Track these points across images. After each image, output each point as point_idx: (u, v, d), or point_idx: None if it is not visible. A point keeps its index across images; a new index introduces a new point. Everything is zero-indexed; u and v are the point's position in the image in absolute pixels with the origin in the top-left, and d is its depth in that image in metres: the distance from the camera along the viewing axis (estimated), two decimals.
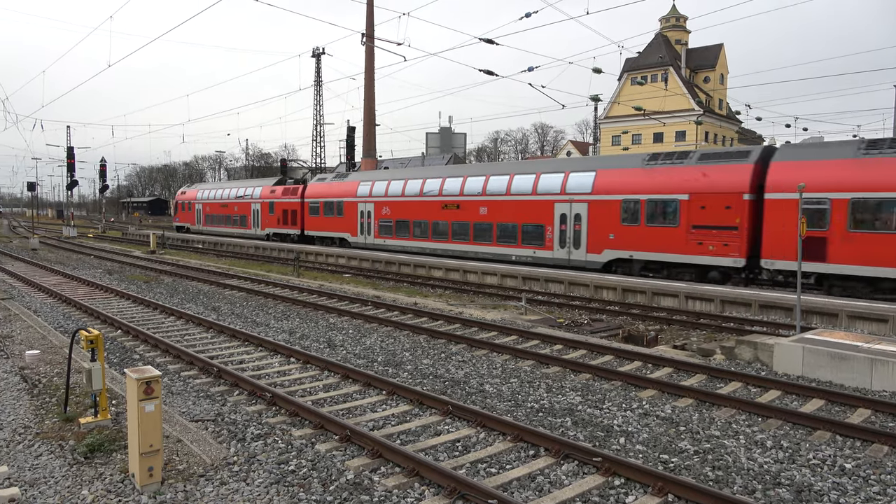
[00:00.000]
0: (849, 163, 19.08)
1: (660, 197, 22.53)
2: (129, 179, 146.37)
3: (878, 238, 18.06)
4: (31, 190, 75.79)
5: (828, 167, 19.36)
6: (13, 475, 6.68)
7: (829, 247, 18.87)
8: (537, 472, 6.93)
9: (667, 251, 22.32)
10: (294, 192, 42.38)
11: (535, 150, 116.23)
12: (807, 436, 8.19)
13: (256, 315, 17.17)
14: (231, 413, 8.81)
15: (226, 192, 51.55)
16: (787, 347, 11.40)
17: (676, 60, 69.76)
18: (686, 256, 21.96)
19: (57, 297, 20.08)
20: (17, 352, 12.30)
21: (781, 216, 19.64)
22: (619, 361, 12.17)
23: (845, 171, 18.93)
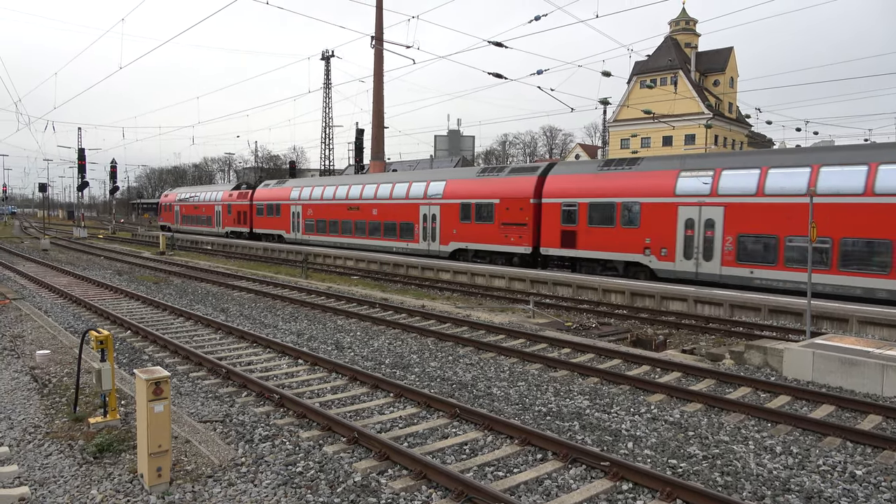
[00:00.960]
0: (591, 176, 25.57)
1: (482, 201, 29.50)
2: (140, 181, 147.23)
3: (603, 230, 24.60)
4: (43, 191, 76.40)
5: (579, 180, 25.94)
6: (23, 474, 6.72)
7: (578, 238, 25.38)
8: (545, 475, 6.91)
9: (488, 242, 29.16)
10: (245, 196, 49.50)
11: (543, 153, 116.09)
12: (817, 442, 8.13)
13: (265, 316, 17.22)
14: (239, 414, 8.84)
15: (198, 195, 58.69)
16: (796, 352, 11.33)
17: (686, 64, 69.55)
18: (499, 246, 28.86)
19: (67, 297, 20.21)
20: (28, 351, 12.40)
21: (550, 216, 26.37)
22: (627, 365, 12.13)
23: (588, 183, 25.42)
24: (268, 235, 46.35)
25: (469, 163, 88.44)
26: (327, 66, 65.90)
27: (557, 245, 26.04)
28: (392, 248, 34.12)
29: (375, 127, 54.15)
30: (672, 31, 73.35)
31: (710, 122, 62.09)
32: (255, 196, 47.81)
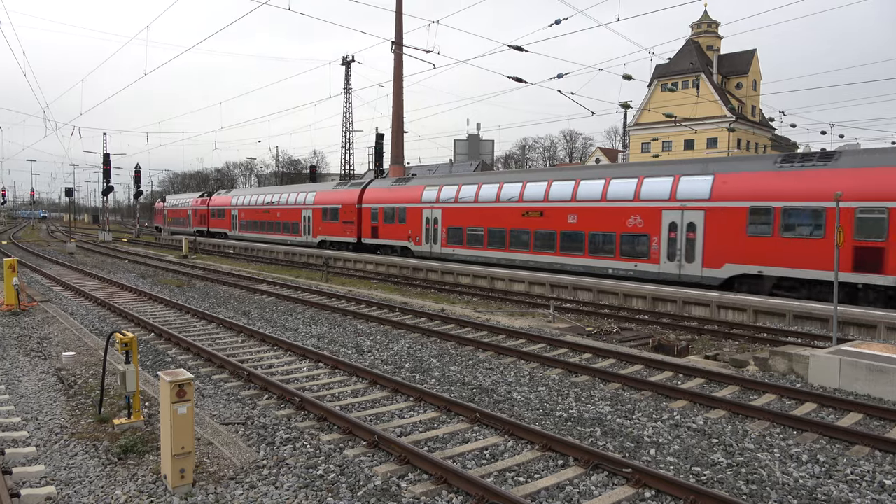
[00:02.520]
0: (386, 189, 36.93)
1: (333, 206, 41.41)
2: (163, 185, 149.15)
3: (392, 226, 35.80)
4: (69, 195, 77.75)
5: (380, 192, 37.47)
6: (49, 474, 6.83)
7: (380, 230, 36.86)
8: (566, 482, 6.85)
9: (343, 235, 40.24)
10: (205, 202, 62.67)
11: (563, 157, 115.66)
12: (844, 450, 7.97)
13: (285, 320, 17.34)
14: (261, 417, 8.89)
15: (178, 200, 72.00)
16: (823, 359, 11.13)
17: (708, 66, 68.92)
18: (339, 237, 40.86)
19: (92, 300, 20.52)
20: (55, 353, 12.61)
21: (367, 217, 38.04)
22: (649, 371, 12.01)
23: (386, 194, 36.68)
24: (216, 233, 59.92)
25: (488, 167, 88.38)
26: (348, 72, 66.33)
27: (369, 236, 37.82)
28: (287, 241, 46.60)
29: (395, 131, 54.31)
30: (694, 34, 72.76)
31: (733, 126, 61.38)
32: (211, 202, 61.38)
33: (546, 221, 26.74)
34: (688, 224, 21.91)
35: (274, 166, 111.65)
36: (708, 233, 21.35)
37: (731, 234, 20.74)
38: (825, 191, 18.34)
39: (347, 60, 64.79)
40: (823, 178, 18.96)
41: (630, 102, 40.56)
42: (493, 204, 29.27)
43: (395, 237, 35.47)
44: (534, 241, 27.33)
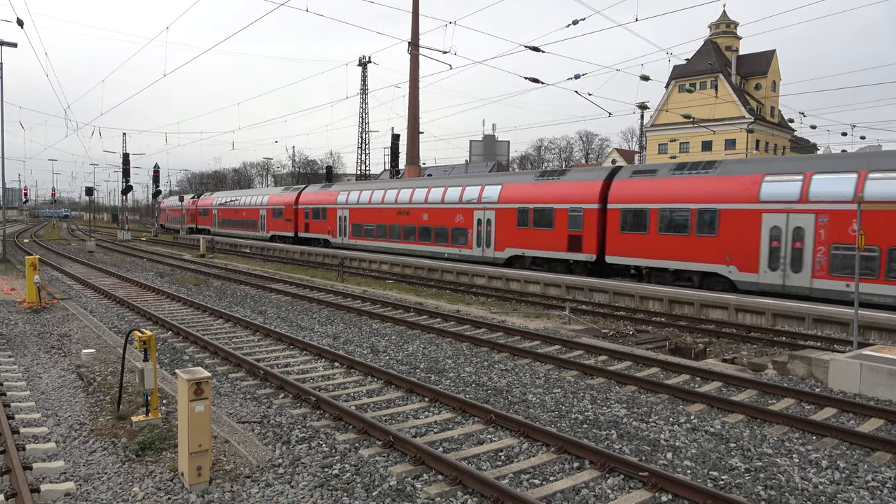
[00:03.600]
0: (315, 193, 44.00)
1: (277, 206, 49.96)
2: (181, 185, 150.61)
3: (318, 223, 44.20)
4: (89, 194, 78.59)
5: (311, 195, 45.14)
6: (69, 470, 6.91)
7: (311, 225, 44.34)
8: (582, 485, 6.82)
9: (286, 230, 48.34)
10: (194, 203, 71.91)
11: (579, 159, 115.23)
12: (865, 456, 7.85)
13: (301, 319, 17.42)
14: (276, 415, 8.94)
15: (174, 202, 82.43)
16: (843, 364, 10.98)
17: (726, 67, 68.26)
18: (283, 232, 48.02)
19: (112, 298, 20.76)
20: (74, 350, 12.76)
21: (302, 215, 45.60)
22: (665, 374, 11.91)
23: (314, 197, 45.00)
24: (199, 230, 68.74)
25: (504, 167, 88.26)
26: (364, 72, 66.53)
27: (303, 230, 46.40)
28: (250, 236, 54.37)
29: (411, 132, 54.44)
30: (712, 35, 72.11)
31: (752, 127, 60.73)
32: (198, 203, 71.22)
33: (410, 219, 35.18)
34: (487, 220, 30.25)
35: (290, 167, 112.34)
36: (497, 226, 29.72)
37: (509, 228, 29.11)
38: (555, 197, 27.22)
39: (364, 61, 64.98)
40: (555, 188, 27.52)
41: (647, 103, 40.20)
42: (379, 206, 37.77)
43: (319, 231, 44.10)
44: (403, 233, 35.66)
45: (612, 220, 24.60)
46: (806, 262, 19.17)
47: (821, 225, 18.83)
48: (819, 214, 18.86)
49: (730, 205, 21.07)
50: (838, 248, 18.42)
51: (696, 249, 21.97)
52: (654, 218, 23.19)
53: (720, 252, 21.27)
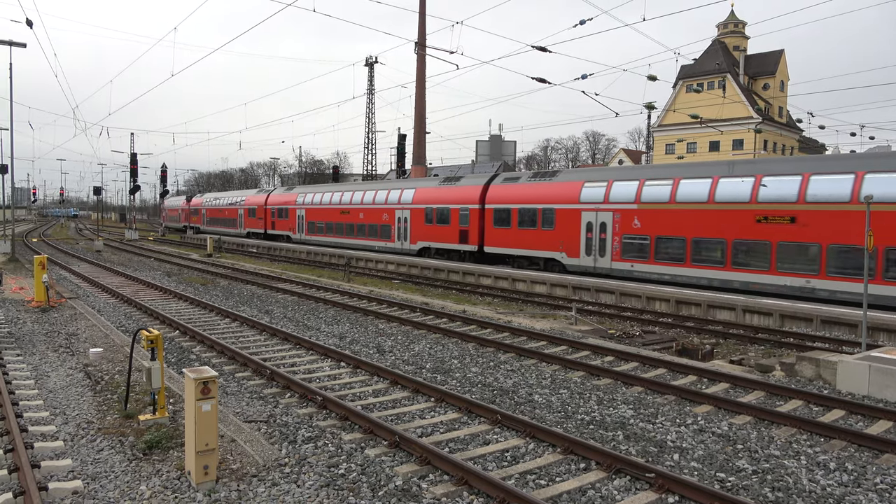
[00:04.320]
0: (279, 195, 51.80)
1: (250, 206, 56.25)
2: (188, 185, 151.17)
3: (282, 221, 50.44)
4: (97, 194, 79.06)
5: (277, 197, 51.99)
6: (76, 468, 6.94)
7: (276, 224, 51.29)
8: (588, 485, 6.80)
9: (258, 228, 54.02)
10: (187, 203, 76.98)
11: (586, 159, 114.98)
12: (873, 459, 7.80)
13: (308, 319, 17.45)
14: (283, 415, 8.96)
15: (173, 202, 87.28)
16: (851, 365, 10.92)
17: (734, 67, 67.97)
18: (256, 230, 54.16)
19: (119, 297, 20.85)
20: (82, 349, 12.83)
21: (269, 214, 51.66)
22: (672, 375, 11.87)
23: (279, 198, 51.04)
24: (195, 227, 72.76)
25: (510, 167, 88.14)
26: (371, 72, 66.64)
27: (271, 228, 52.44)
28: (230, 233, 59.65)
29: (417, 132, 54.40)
30: (720, 34, 71.84)
31: (760, 127, 60.45)
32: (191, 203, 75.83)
33: (350, 217, 41.06)
34: (404, 218, 35.88)
35: (297, 167, 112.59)
36: (412, 223, 35.28)
37: (420, 224, 34.88)
38: (451, 199, 32.80)
39: (371, 61, 65.11)
40: (452, 191, 33.08)
41: (654, 103, 40.14)
42: (328, 206, 43.86)
43: (283, 229, 50.26)
44: (346, 230, 41.52)
45: (489, 218, 30.23)
46: (608, 248, 24.76)
47: (616, 220, 24.41)
48: (615, 212, 24.42)
49: (562, 205, 26.56)
50: (625, 238, 24.07)
51: (541, 240, 27.50)
52: (515, 216, 28.81)
53: (556, 242, 26.78)
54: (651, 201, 23.21)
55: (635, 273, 23.51)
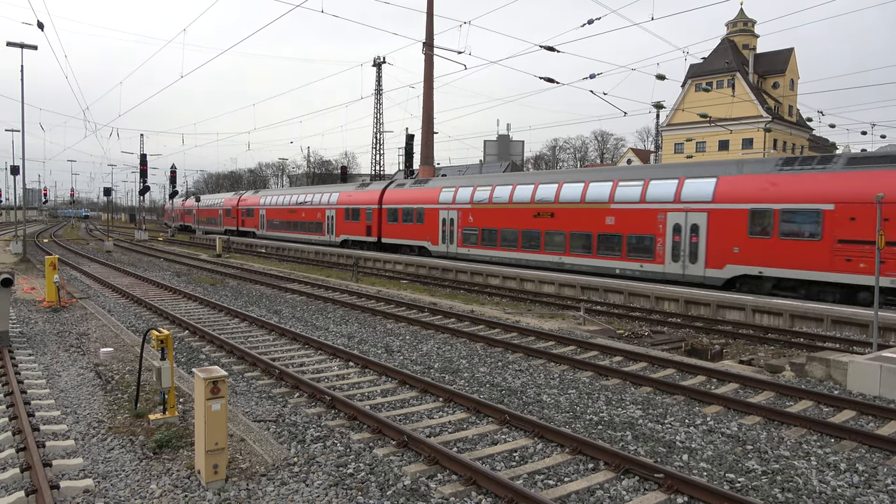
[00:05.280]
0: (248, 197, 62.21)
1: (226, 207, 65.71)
2: (197, 185, 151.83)
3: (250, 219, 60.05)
4: (107, 195, 79.58)
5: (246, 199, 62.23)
6: (87, 467, 6.99)
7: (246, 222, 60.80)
8: (596, 486, 6.79)
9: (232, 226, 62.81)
10: (182, 205, 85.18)
11: (594, 158, 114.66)
12: (885, 460, 7.75)
13: (316, 319, 17.50)
14: (292, 414, 8.99)
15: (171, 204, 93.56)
16: (862, 366, 10.84)
17: (744, 66, 67.61)
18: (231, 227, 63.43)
19: (129, 297, 20.98)
20: (93, 349, 12.92)
21: (239, 214, 62.10)
22: (681, 375, 11.83)
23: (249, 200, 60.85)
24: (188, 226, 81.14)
25: (518, 167, 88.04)
26: (379, 73, 66.70)
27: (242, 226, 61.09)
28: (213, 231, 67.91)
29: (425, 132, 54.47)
30: (729, 33, 71.47)
31: (770, 126, 60.12)
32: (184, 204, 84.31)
33: (295, 216, 50.19)
34: (331, 216, 44.75)
35: (306, 167, 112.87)
36: (337, 220, 44.09)
37: (342, 221, 43.19)
38: (361, 200, 40.64)
39: (378, 62, 65.17)
40: (361, 194, 41.31)
41: (663, 102, 39.97)
42: (280, 206, 53.45)
43: (251, 226, 59.43)
44: (293, 227, 50.53)
45: (384, 216, 38.93)
46: (455, 237, 32.98)
47: (459, 217, 32.73)
48: (458, 211, 32.80)
49: (428, 206, 35.14)
50: (465, 230, 32.37)
51: (416, 232, 36.03)
52: (400, 214, 37.47)
53: (425, 233, 35.21)
54: (479, 202, 31.62)
55: (470, 255, 32.06)
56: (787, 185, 20.16)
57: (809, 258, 19.40)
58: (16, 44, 31.06)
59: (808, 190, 19.65)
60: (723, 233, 21.44)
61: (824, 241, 19.08)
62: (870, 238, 17.82)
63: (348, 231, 42.57)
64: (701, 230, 22.06)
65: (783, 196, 20.12)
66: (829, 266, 18.99)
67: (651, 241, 23.68)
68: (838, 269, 18.75)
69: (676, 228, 22.80)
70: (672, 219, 22.95)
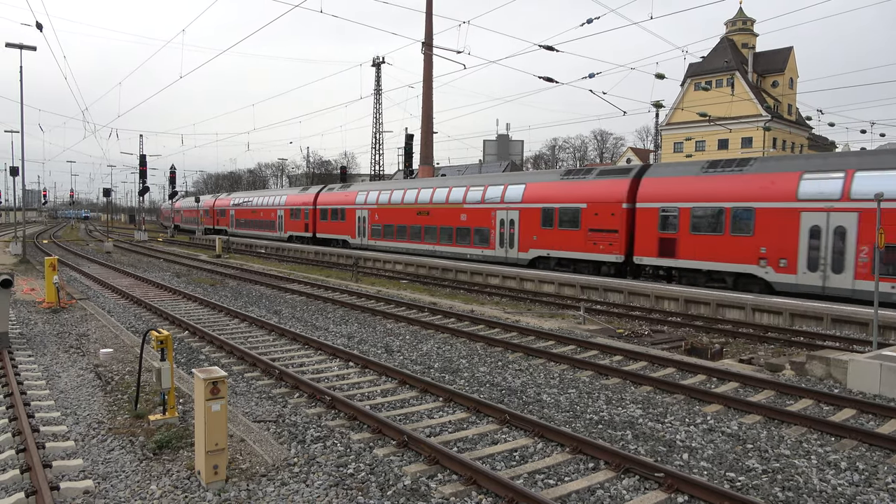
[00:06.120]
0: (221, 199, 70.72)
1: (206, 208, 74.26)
2: (197, 186, 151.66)
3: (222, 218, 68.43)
4: (107, 196, 79.55)
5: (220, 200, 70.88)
6: (87, 468, 6.99)
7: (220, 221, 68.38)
8: (597, 485, 6.79)
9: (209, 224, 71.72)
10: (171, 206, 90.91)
11: (593, 158, 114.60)
12: (885, 458, 7.75)
13: (316, 319, 17.49)
14: (292, 415, 8.99)
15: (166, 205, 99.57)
16: (862, 364, 10.84)
17: (743, 65, 67.65)
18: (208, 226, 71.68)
19: (129, 298, 20.97)
20: (93, 350, 12.91)
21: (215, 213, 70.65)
22: (681, 374, 11.83)
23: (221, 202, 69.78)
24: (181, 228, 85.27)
25: (517, 167, 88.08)
26: (378, 73, 66.72)
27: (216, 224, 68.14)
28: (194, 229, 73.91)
29: (424, 132, 54.55)
30: (728, 32, 71.50)
31: (769, 125, 60.12)
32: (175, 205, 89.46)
33: (256, 216, 57.94)
34: (280, 215, 52.74)
35: (305, 167, 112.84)
36: (285, 218, 51.77)
37: (288, 219, 51.27)
38: (300, 202, 48.97)
39: (378, 62, 65.20)
40: (301, 197, 49.61)
41: (662, 102, 39.95)
42: (244, 207, 61.03)
43: (221, 224, 67.13)
44: (255, 225, 58.09)
45: (318, 215, 46.58)
46: (366, 232, 40.22)
47: (369, 215, 40.01)
48: (369, 211, 40.05)
49: (348, 206, 42.36)
50: (373, 226, 39.35)
51: (340, 228, 43.42)
52: (329, 213, 44.97)
53: (346, 230, 42.56)
54: (382, 204, 38.83)
55: (377, 246, 39.14)
56: (564, 190, 27.22)
57: (574, 243, 26.50)
58: (15, 45, 31.05)
59: (574, 193, 26.71)
60: (527, 225, 28.60)
61: (582, 231, 26.14)
62: (606, 227, 25.34)
63: (293, 228, 50.39)
64: (516, 224, 29.29)
65: (560, 198, 27.20)
66: (584, 248, 26.10)
67: (488, 232, 30.86)
68: (590, 250, 25.93)
69: (502, 223, 29.99)
70: (499, 215, 30.19)
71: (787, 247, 19.80)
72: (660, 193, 23.71)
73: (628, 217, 24.62)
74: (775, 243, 20.09)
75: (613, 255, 24.96)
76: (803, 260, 19.51)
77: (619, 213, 24.72)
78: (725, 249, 21.46)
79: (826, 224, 19.01)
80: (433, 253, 33.89)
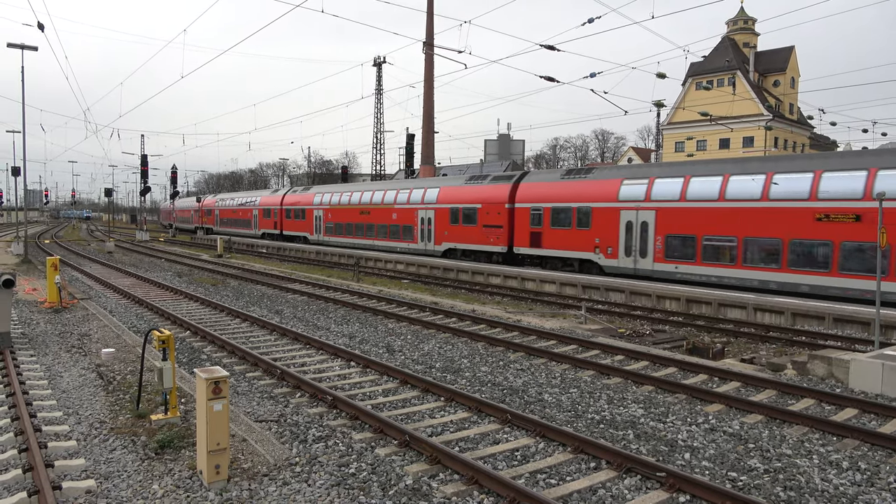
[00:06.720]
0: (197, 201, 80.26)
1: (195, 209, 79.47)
2: (198, 186, 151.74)
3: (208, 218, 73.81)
4: (108, 196, 79.59)
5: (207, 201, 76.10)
6: (90, 468, 7.00)
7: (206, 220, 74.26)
8: (598, 485, 6.79)
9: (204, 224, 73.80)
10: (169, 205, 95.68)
11: (595, 157, 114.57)
12: (887, 458, 7.74)
13: (317, 319, 17.50)
14: (293, 414, 8.99)
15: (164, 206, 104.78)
16: (864, 364, 10.83)
17: (744, 64, 67.54)
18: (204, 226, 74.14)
19: (130, 298, 20.99)
20: (95, 350, 12.92)
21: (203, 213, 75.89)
22: (683, 374, 11.83)
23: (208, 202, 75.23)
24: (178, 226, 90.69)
25: (518, 167, 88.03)
26: (379, 72, 66.71)
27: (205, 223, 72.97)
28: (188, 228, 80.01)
29: (425, 132, 54.54)
30: (730, 31, 71.40)
31: (770, 124, 60.03)
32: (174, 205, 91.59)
33: (236, 215, 62.28)
34: (255, 214, 57.23)
35: (306, 167, 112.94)
36: (259, 217, 56.64)
37: (262, 218, 55.94)
38: (270, 203, 55.14)
39: (379, 61, 65.19)
40: (270, 198, 55.61)
41: (664, 101, 39.96)
42: (226, 208, 65.56)
43: (208, 223, 71.27)
44: (235, 224, 62.50)
45: (284, 214, 51.85)
46: (322, 229, 45.14)
47: (324, 214, 44.92)
48: (324, 210, 44.87)
49: (307, 206, 47.74)
50: (326, 224, 44.42)
51: (301, 226, 48.54)
52: (293, 213, 49.97)
53: (306, 227, 47.75)
54: (334, 204, 43.81)
55: (330, 242, 43.80)
56: (467, 192, 32.31)
57: (474, 237, 31.63)
58: (16, 45, 31.07)
59: (474, 195, 31.89)
60: (441, 223, 33.65)
61: (479, 226, 31.31)
62: (495, 223, 30.46)
63: (265, 226, 55.77)
64: (432, 221, 34.25)
65: (465, 199, 32.23)
66: (481, 241, 31.32)
67: (412, 229, 35.85)
68: (485, 242, 31.16)
69: (423, 220, 34.94)
70: (420, 214, 35.16)
71: (612, 237, 24.71)
72: (531, 195, 28.66)
73: (510, 215, 29.76)
74: (605, 235, 25.04)
75: (500, 247, 30.35)
76: (622, 247, 24.40)
77: (503, 211, 29.94)
78: (574, 240, 26.43)
79: (636, 219, 23.97)
80: (372, 247, 39.05)
